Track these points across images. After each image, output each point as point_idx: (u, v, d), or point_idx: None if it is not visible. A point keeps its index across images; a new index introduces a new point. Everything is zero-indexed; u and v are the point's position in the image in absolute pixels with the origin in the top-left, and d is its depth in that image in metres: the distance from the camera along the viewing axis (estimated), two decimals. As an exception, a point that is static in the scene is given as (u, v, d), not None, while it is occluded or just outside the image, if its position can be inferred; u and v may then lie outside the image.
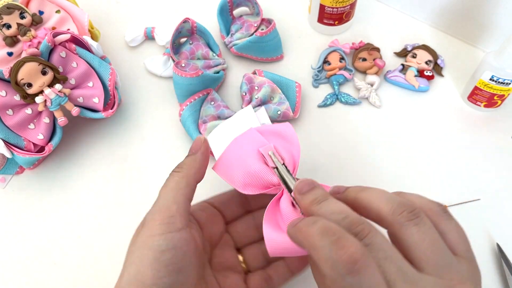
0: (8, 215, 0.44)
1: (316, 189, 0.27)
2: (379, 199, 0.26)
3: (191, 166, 0.32)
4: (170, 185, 0.30)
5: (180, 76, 0.46)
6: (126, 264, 0.28)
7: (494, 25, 0.51)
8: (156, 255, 0.27)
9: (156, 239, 0.27)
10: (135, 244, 0.28)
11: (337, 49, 0.52)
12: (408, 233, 0.24)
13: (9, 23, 0.46)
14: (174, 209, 0.28)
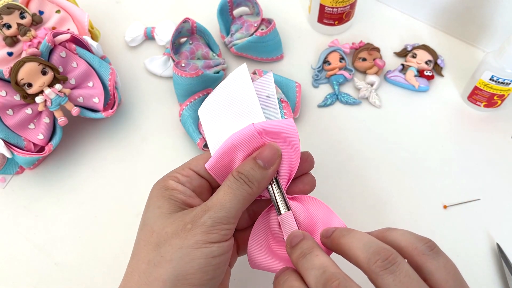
0: (8, 215, 0.44)
1: (303, 242, 0.28)
2: (356, 246, 0.25)
3: (262, 185, 0.30)
4: (238, 197, 0.29)
5: (180, 76, 0.46)
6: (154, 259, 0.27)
7: (494, 25, 0.51)
8: (208, 260, 0.27)
9: (210, 245, 0.27)
10: (175, 242, 0.27)
11: (337, 49, 0.52)
12: (385, 283, 0.23)
13: (9, 23, 0.46)
14: (233, 223, 0.28)
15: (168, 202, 0.29)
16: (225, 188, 0.29)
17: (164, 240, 0.27)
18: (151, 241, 0.27)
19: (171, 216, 0.28)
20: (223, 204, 0.28)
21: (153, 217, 0.28)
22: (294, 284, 0.26)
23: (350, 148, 0.47)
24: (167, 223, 0.28)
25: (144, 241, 0.28)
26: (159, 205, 0.29)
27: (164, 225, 0.28)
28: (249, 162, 0.30)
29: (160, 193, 0.29)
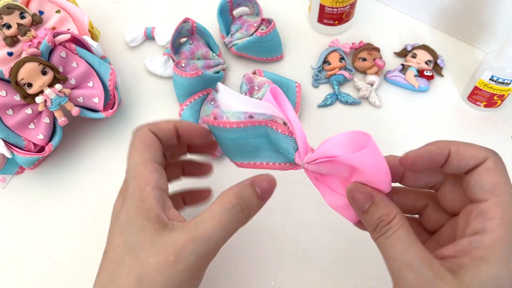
0: (8, 215, 0.44)
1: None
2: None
3: (252, 216, 0.29)
4: (228, 229, 0.27)
5: (180, 76, 0.46)
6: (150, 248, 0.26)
7: (494, 25, 0.51)
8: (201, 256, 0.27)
9: (191, 281, 0.27)
10: (158, 278, 0.26)
11: (337, 49, 0.52)
12: None
13: (9, 23, 0.46)
14: (215, 255, 0.28)
15: (149, 221, 0.27)
16: (215, 216, 0.27)
17: (146, 272, 0.26)
18: (134, 269, 0.26)
19: (153, 242, 0.27)
20: (210, 236, 0.27)
21: (138, 242, 0.27)
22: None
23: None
24: (150, 252, 0.26)
25: (128, 268, 0.26)
26: (141, 227, 0.27)
27: (148, 254, 0.26)
28: (249, 189, 0.28)
29: (139, 207, 0.28)
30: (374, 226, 0.26)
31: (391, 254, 0.25)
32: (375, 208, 0.27)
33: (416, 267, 0.24)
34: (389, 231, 0.25)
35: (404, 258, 0.24)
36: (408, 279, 0.24)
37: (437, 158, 0.26)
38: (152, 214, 0.27)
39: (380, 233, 0.26)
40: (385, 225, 0.26)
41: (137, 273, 0.26)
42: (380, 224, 0.26)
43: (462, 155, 0.26)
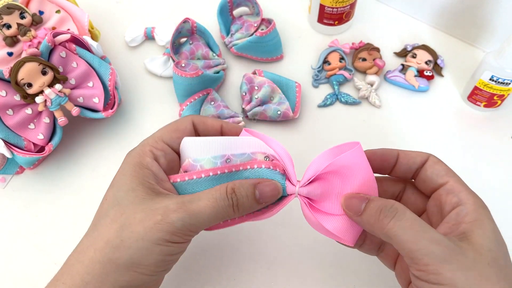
0: (8, 215, 0.44)
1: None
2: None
3: (245, 213, 0.30)
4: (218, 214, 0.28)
5: (180, 76, 0.46)
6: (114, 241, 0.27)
7: (494, 25, 0.51)
8: (165, 257, 0.28)
9: (171, 244, 0.28)
10: (139, 230, 0.27)
11: (337, 49, 0.52)
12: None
13: (9, 23, 0.46)
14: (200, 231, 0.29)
15: (143, 186, 0.28)
16: (210, 199, 0.28)
17: (129, 223, 0.27)
18: (118, 220, 0.27)
19: (144, 202, 0.28)
20: (200, 214, 0.27)
21: (127, 199, 0.28)
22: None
23: (350, 148, 0.47)
24: (138, 209, 0.27)
25: (111, 219, 0.28)
26: (133, 188, 0.28)
27: (135, 210, 0.27)
28: (249, 188, 0.29)
29: (135, 172, 0.29)
30: (377, 215, 0.27)
31: (412, 235, 0.26)
32: (372, 203, 0.28)
33: (441, 241, 0.25)
34: (399, 213, 0.27)
35: (428, 235, 0.25)
36: (438, 254, 0.25)
37: (388, 157, 0.31)
38: (147, 182, 0.29)
39: (389, 216, 0.27)
40: (390, 208, 0.27)
41: (119, 224, 0.27)
42: (384, 209, 0.27)
43: (409, 156, 0.31)
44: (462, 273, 0.24)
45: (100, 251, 0.27)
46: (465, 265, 0.25)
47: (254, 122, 0.48)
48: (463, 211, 0.28)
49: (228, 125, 0.33)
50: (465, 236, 0.26)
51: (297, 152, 0.46)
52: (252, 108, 0.47)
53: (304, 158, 0.46)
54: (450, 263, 0.24)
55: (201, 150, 0.30)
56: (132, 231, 0.27)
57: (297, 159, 0.39)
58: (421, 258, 0.25)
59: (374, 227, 0.27)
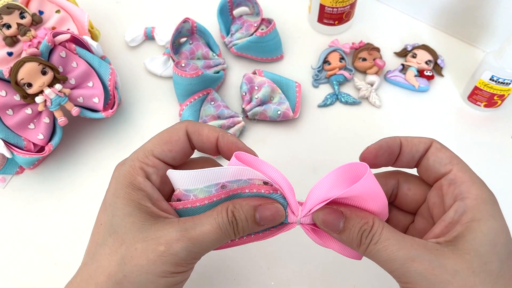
0: (8, 215, 0.44)
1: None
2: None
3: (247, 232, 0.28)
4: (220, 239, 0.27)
5: (180, 76, 0.46)
6: (116, 275, 0.25)
7: (494, 25, 0.51)
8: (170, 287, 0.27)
9: (176, 275, 0.26)
10: (142, 263, 0.25)
11: (337, 49, 0.52)
12: None
13: (9, 23, 0.46)
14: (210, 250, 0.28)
15: (139, 210, 0.26)
16: (213, 224, 0.26)
17: (131, 256, 0.25)
18: (118, 252, 0.25)
19: (143, 229, 0.26)
20: (204, 241, 0.26)
21: (124, 226, 0.26)
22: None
23: (350, 148, 0.47)
24: (138, 238, 0.25)
25: (111, 249, 0.26)
26: (129, 212, 0.26)
27: (135, 239, 0.25)
28: (248, 211, 0.27)
29: (129, 194, 0.27)
30: (358, 240, 0.26)
31: (387, 256, 0.25)
32: (351, 223, 0.26)
33: (417, 256, 0.24)
34: (375, 236, 0.25)
35: (402, 254, 0.24)
36: (415, 270, 0.24)
37: (393, 147, 0.29)
38: (143, 205, 0.27)
39: (367, 243, 0.26)
40: (368, 234, 0.26)
41: (120, 256, 0.25)
42: (364, 235, 0.26)
43: (411, 142, 0.29)
44: (444, 286, 0.23)
45: (101, 286, 0.25)
46: (443, 279, 0.24)
47: (254, 122, 0.48)
48: (461, 208, 0.26)
49: (224, 139, 0.29)
50: (456, 240, 0.25)
51: (297, 152, 0.46)
52: (252, 108, 0.47)
53: (304, 158, 0.46)
54: (427, 279, 0.24)
55: (191, 182, 0.28)
56: (135, 265, 0.25)
57: (297, 159, 0.39)
58: (400, 277, 0.25)
59: (354, 248, 0.27)
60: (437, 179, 0.28)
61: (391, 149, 0.29)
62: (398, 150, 0.29)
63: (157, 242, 0.25)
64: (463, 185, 0.26)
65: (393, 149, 0.29)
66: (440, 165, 0.28)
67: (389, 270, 0.25)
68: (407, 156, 0.29)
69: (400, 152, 0.29)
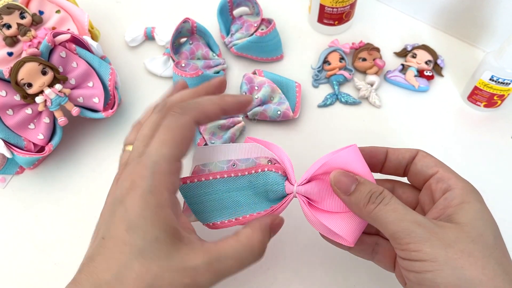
0: (8, 215, 0.44)
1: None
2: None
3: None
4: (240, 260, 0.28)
5: (180, 76, 0.46)
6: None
7: (494, 25, 0.51)
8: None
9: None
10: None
11: (337, 49, 0.52)
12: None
13: (9, 23, 0.46)
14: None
15: (166, 232, 0.26)
16: (238, 259, 0.27)
17: (158, 285, 0.25)
18: (145, 280, 0.25)
19: (169, 256, 0.26)
20: (228, 273, 0.27)
21: (151, 251, 0.25)
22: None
23: (350, 148, 0.47)
24: (165, 267, 0.25)
25: (137, 275, 0.25)
26: (156, 237, 0.26)
27: (162, 268, 0.25)
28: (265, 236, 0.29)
29: (157, 215, 0.26)
30: (367, 200, 0.29)
31: (395, 217, 0.27)
32: (362, 186, 0.29)
33: (423, 222, 0.27)
34: (386, 199, 0.28)
35: (409, 217, 0.27)
36: (419, 233, 0.26)
37: (377, 154, 0.33)
38: (169, 226, 0.26)
39: (376, 202, 0.28)
40: (379, 195, 0.29)
41: (146, 284, 0.25)
42: (374, 195, 0.29)
43: (398, 152, 0.33)
44: (443, 249, 0.26)
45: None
46: (445, 242, 0.26)
47: (254, 122, 0.48)
48: (451, 195, 0.29)
49: (228, 104, 0.30)
50: (450, 218, 0.28)
51: (297, 152, 0.46)
52: (252, 108, 0.47)
53: (304, 158, 0.46)
54: (431, 241, 0.26)
55: (209, 156, 0.33)
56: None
57: (297, 159, 0.39)
58: (403, 237, 0.27)
59: (361, 210, 0.29)
60: (426, 181, 0.31)
61: (374, 155, 0.33)
62: (383, 158, 0.33)
63: (183, 274, 0.26)
64: (450, 181, 0.30)
65: (376, 155, 0.33)
66: (427, 168, 0.31)
67: (393, 231, 0.27)
68: (394, 163, 0.33)
69: (387, 159, 0.33)
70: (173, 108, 0.28)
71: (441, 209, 0.29)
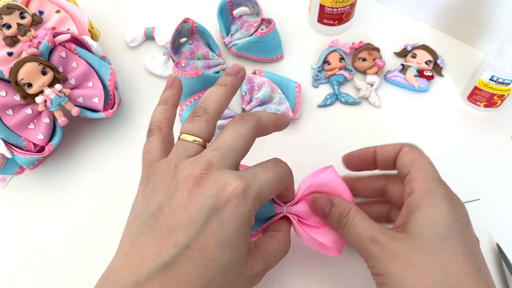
0: (8, 215, 0.44)
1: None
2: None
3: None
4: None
5: (180, 76, 0.46)
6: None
7: (494, 25, 0.51)
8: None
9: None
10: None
11: (337, 49, 0.52)
12: None
13: (9, 23, 0.46)
14: None
15: (248, 250, 0.28)
16: (277, 252, 0.32)
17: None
18: (223, 284, 0.26)
19: (246, 269, 0.28)
20: (275, 263, 0.32)
21: (236, 267, 0.27)
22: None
23: (350, 148, 0.46)
24: (241, 278, 0.28)
25: (220, 285, 0.26)
26: (242, 255, 0.27)
27: (238, 280, 0.28)
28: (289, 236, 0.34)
29: (246, 235, 0.27)
30: (337, 223, 0.31)
31: (355, 237, 0.30)
32: (334, 209, 0.32)
33: (375, 238, 0.29)
34: (349, 220, 0.31)
35: (365, 235, 0.29)
36: (372, 250, 0.29)
37: (366, 155, 0.35)
38: (249, 243, 0.29)
39: (342, 225, 0.31)
40: (344, 217, 0.31)
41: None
42: (341, 218, 0.31)
43: (384, 149, 0.34)
44: (389, 263, 0.28)
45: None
46: (392, 256, 0.28)
47: (254, 122, 0.48)
48: (410, 201, 0.30)
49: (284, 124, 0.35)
50: (404, 227, 0.29)
51: (297, 152, 0.46)
52: (252, 108, 0.47)
53: (304, 158, 0.46)
54: (380, 257, 0.28)
55: None
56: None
57: (297, 159, 0.39)
58: (363, 256, 0.30)
59: (336, 229, 0.32)
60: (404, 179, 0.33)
61: (363, 157, 0.35)
62: (371, 157, 0.35)
63: (249, 279, 0.29)
64: (414, 183, 0.30)
65: (364, 157, 0.35)
66: (403, 167, 0.32)
67: (356, 249, 0.30)
68: (383, 162, 0.34)
69: (376, 158, 0.35)
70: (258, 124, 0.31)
71: (403, 215, 0.30)
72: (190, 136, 0.29)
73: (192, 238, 0.25)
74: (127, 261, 0.26)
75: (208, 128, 0.30)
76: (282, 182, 0.30)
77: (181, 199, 0.26)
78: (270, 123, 0.32)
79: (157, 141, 0.31)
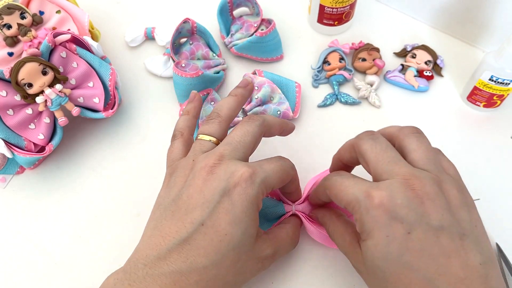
0: (8, 215, 0.44)
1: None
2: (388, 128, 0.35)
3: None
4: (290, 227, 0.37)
5: (180, 76, 0.46)
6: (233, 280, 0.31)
7: (494, 25, 0.51)
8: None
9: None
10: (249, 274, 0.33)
11: (337, 49, 0.52)
12: (410, 141, 0.33)
13: (9, 23, 0.46)
14: None
15: (256, 231, 0.31)
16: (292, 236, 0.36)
17: (243, 271, 0.31)
18: (235, 266, 0.30)
19: (253, 249, 0.31)
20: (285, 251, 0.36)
21: (245, 245, 0.30)
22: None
23: (350, 148, 0.47)
24: (250, 256, 0.31)
25: (231, 262, 0.29)
26: (252, 234, 0.31)
27: (248, 258, 0.31)
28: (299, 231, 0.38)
29: (254, 216, 0.30)
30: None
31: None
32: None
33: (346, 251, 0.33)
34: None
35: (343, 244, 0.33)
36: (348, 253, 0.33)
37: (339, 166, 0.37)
38: (257, 225, 0.31)
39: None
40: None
41: (236, 269, 0.30)
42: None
43: (342, 155, 0.37)
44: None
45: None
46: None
47: (254, 122, 0.48)
48: (358, 224, 0.31)
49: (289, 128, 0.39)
50: (360, 242, 0.31)
51: (297, 152, 0.46)
52: (252, 108, 0.47)
53: (304, 158, 0.46)
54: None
55: None
56: (244, 278, 0.32)
57: (297, 159, 0.39)
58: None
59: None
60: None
61: (342, 157, 0.36)
62: (344, 164, 0.36)
63: (258, 261, 0.32)
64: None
65: (343, 157, 0.36)
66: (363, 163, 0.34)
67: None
68: (353, 161, 0.35)
69: (345, 163, 0.36)
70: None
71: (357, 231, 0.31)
72: (206, 136, 0.34)
73: (207, 216, 0.29)
74: (150, 241, 0.29)
75: (221, 129, 0.34)
76: (286, 173, 0.33)
77: (197, 186, 0.30)
78: (275, 125, 0.35)
79: (179, 144, 0.35)
